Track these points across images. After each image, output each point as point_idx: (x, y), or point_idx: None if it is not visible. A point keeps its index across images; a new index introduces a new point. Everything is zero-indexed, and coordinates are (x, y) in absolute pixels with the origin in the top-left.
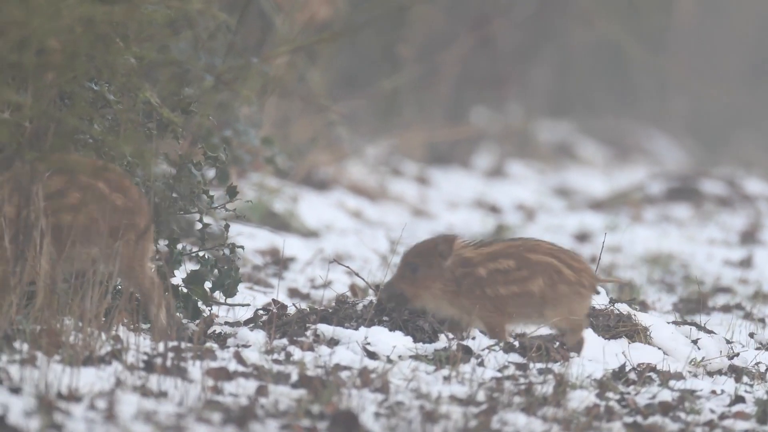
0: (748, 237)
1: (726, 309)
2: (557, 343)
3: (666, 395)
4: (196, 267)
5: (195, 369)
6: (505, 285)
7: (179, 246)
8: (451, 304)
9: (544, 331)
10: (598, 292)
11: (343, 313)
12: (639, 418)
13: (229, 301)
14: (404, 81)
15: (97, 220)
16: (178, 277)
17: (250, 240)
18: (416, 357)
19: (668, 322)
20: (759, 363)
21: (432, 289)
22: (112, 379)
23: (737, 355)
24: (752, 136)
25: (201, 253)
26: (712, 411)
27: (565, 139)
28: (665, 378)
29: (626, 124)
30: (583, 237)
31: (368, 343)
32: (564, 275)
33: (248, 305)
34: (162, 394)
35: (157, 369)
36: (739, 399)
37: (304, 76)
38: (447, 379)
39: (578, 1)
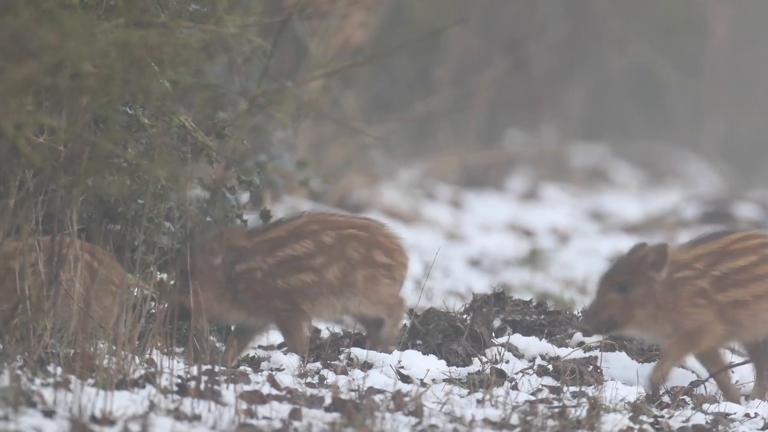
0: None
1: None
2: (591, 367)
3: (700, 418)
4: None
5: (229, 392)
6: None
7: None
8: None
9: (578, 354)
10: (128, 286)
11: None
12: None
13: None
14: (438, 104)
15: None
16: None
17: None
18: (450, 380)
19: None
20: None
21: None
22: (145, 402)
23: None
24: None
25: None
26: None
27: (599, 162)
28: (699, 401)
29: (660, 147)
30: None
31: (402, 367)
32: (94, 271)
33: None
34: (196, 418)
35: (190, 392)
36: None
37: (339, 100)
38: (480, 402)
39: (612, 25)
